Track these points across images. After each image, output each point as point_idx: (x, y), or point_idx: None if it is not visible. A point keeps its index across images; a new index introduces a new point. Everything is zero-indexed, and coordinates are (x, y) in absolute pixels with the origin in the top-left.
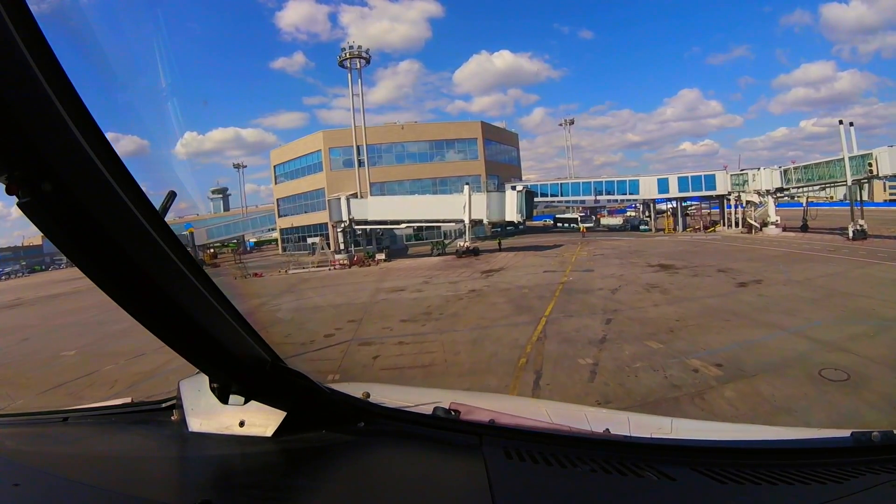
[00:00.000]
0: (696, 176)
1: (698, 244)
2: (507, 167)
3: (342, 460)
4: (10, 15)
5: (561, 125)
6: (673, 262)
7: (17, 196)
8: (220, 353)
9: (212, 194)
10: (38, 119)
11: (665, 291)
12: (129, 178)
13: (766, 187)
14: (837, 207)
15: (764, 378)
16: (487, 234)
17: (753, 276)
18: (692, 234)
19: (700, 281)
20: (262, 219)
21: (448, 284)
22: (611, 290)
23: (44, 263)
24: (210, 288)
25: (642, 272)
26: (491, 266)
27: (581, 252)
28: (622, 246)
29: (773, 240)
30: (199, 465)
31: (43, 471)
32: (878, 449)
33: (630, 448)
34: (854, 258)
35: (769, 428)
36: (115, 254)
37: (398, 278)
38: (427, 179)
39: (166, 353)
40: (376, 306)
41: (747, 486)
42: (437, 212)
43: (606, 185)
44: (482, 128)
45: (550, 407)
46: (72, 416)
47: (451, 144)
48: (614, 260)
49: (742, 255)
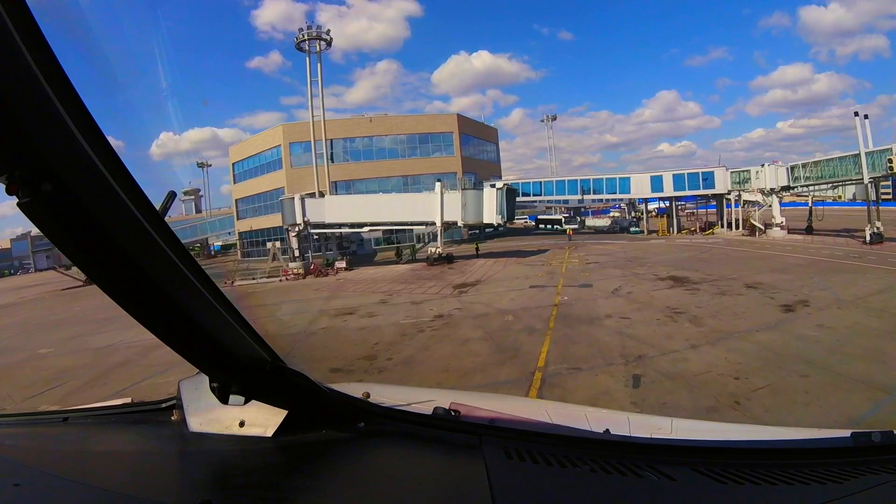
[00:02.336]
0: (692, 173)
1: (702, 249)
2: (486, 165)
3: (342, 460)
4: (10, 15)
5: (542, 121)
6: (686, 274)
7: (17, 196)
8: (220, 353)
9: (184, 196)
10: (38, 119)
11: (695, 320)
12: (129, 177)
13: (771, 186)
14: (841, 207)
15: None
16: (465, 237)
17: (794, 295)
18: (690, 237)
19: (732, 302)
20: (222, 221)
21: (410, 306)
22: (623, 318)
23: (12, 268)
24: (210, 288)
25: (653, 288)
26: (466, 277)
27: (571, 259)
28: (616, 251)
29: (782, 244)
30: (199, 465)
31: (43, 471)
32: (878, 449)
33: (630, 448)
34: (888, 266)
35: (769, 428)
36: (115, 254)
37: (353, 294)
38: (398, 177)
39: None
40: (308, 341)
41: (747, 486)
42: (406, 213)
43: (594, 184)
44: (458, 121)
45: (550, 407)
46: (72, 416)
47: (424, 139)
48: (613, 270)
49: (760, 264)
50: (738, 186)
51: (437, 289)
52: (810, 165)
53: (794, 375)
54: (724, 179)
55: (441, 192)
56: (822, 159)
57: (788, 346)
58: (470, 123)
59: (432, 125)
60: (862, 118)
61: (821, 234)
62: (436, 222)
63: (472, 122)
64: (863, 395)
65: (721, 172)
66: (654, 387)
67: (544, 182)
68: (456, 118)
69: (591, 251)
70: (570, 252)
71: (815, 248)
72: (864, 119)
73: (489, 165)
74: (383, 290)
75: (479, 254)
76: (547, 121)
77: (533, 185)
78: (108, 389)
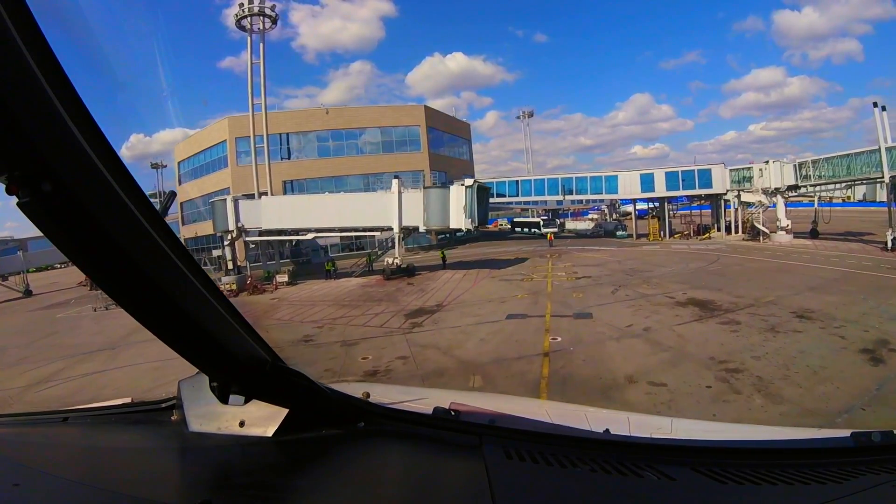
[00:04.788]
0: (687, 171)
1: (708, 257)
2: (458, 163)
3: (342, 460)
4: (10, 15)
5: (519, 118)
6: (708, 295)
7: (17, 196)
8: (220, 353)
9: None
10: (38, 119)
11: (765, 389)
12: (129, 177)
13: (776, 185)
14: (846, 208)
15: None
16: (433, 242)
17: (863, 330)
18: (687, 243)
19: (794, 346)
20: (175, 226)
21: (338, 350)
22: (654, 385)
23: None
24: (210, 288)
25: (676, 319)
26: (425, 299)
27: (556, 272)
28: (608, 261)
29: (794, 250)
30: (199, 464)
31: (43, 471)
32: (878, 449)
33: (630, 448)
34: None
35: (769, 428)
36: (115, 253)
37: (273, 326)
38: (358, 176)
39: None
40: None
41: (747, 486)
42: (357, 217)
43: (577, 183)
44: (426, 113)
45: (550, 407)
46: (72, 416)
47: (388, 133)
48: (610, 288)
49: (789, 279)
50: (736, 186)
51: (386, 317)
52: (822, 162)
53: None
54: (722, 178)
55: (399, 191)
56: (836, 155)
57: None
58: (439, 117)
59: (397, 118)
60: (880, 110)
61: (828, 239)
62: (393, 227)
63: (442, 116)
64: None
65: (719, 170)
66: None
67: (521, 181)
68: (423, 110)
69: (578, 260)
70: (554, 261)
71: (833, 256)
72: (882, 111)
73: (461, 163)
74: (316, 318)
75: (447, 264)
76: (523, 117)
77: (509, 185)
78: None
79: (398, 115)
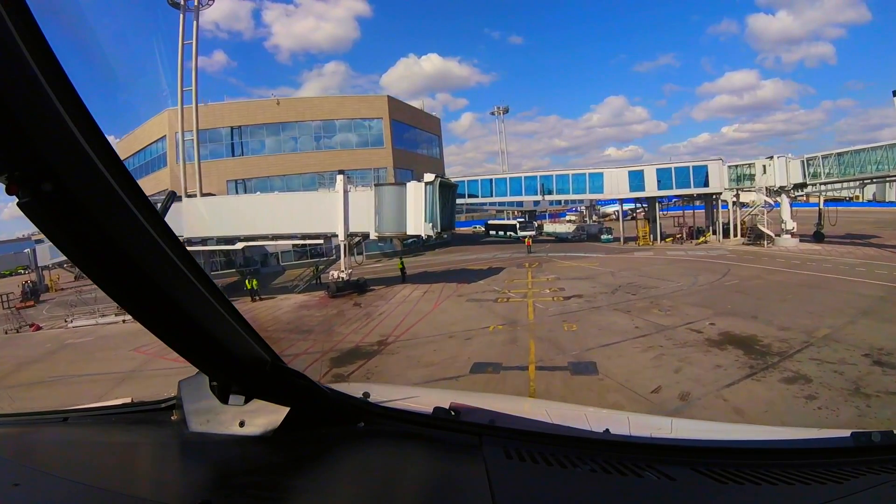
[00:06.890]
0: (681, 167)
1: (716, 268)
2: (426, 160)
3: (342, 460)
4: (10, 15)
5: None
6: (744, 326)
7: (17, 196)
8: (220, 353)
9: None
10: (38, 119)
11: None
12: (129, 178)
13: (781, 183)
14: (849, 208)
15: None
16: (398, 247)
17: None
18: (683, 248)
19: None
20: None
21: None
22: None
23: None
24: (210, 288)
25: (715, 371)
26: (368, 330)
27: (538, 288)
28: (598, 272)
29: (806, 258)
30: (199, 465)
31: (43, 471)
32: (878, 449)
33: (630, 448)
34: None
35: (769, 428)
36: (116, 254)
37: (146, 377)
38: (312, 174)
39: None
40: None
41: (747, 486)
42: (296, 222)
43: (558, 181)
44: (389, 105)
45: (550, 407)
46: (72, 416)
47: (347, 127)
48: (616, 317)
49: (828, 298)
50: (735, 184)
51: (303, 362)
52: (832, 158)
53: None
54: (720, 175)
55: (344, 189)
56: (848, 151)
57: None
58: (405, 109)
59: (357, 109)
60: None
61: (833, 243)
62: (338, 234)
63: (408, 108)
64: None
65: (717, 166)
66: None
67: (496, 180)
68: (386, 101)
69: (562, 272)
70: (534, 272)
71: (857, 265)
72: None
73: (430, 161)
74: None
75: (406, 277)
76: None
77: (482, 184)
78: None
79: (359, 106)
